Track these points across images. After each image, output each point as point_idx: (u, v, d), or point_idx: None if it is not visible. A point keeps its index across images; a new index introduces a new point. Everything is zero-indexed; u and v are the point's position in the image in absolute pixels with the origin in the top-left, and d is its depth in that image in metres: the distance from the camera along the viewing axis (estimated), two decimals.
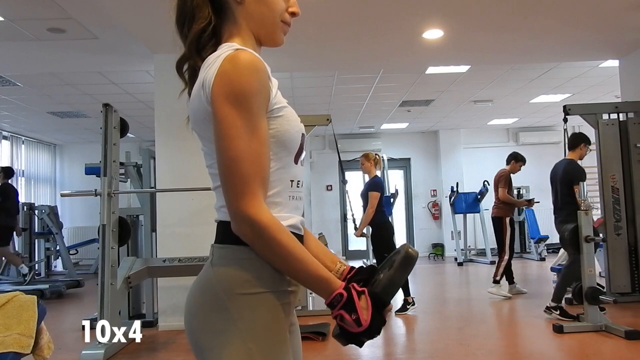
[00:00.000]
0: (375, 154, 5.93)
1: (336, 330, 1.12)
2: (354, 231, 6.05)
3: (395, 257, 1.14)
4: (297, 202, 1.18)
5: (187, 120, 1.19)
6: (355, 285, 1.09)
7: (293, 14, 1.23)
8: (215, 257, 1.14)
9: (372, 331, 1.07)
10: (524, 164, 6.61)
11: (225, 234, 1.13)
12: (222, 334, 1.08)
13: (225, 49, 1.10)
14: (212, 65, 1.09)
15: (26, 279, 7.71)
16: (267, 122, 1.09)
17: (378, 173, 5.89)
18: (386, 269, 1.13)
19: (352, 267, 1.22)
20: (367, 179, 6.06)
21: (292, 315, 1.22)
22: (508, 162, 6.61)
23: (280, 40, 1.23)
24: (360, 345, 1.10)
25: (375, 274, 1.15)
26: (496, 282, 6.24)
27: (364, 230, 5.88)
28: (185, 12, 1.18)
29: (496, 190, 6.47)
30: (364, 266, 1.20)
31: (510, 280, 6.37)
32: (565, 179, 5.11)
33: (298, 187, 1.18)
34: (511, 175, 6.53)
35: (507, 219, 6.31)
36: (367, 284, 1.12)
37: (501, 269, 6.23)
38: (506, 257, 6.22)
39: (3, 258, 8.08)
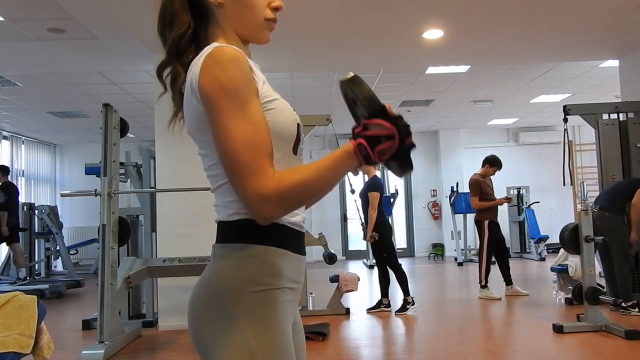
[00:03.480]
0: None
1: (396, 170, 1.13)
2: (364, 238, 5.90)
3: (346, 95, 1.19)
4: None
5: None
6: (356, 129, 1.11)
7: (276, 9, 1.22)
8: (216, 256, 1.14)
9: (404, 128, 1.09)
10: (499, 169, 6.49)
11: (225, 233, 1.14)
12: (224, 333, 1.08)
13: (206, 49, 1.11)
14: (195, 65, 1.10)
15: (21, 280, 7.71)
16: (261, 107, 1.09)
17: (377, 173, 5.88)
18: (354, 107, 1.18)
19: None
20: (367, 179, 6.06)
21: (295, 313, 1.22)
22: (482, 165, 6.52)
23: (264, 38, 1.22)
24: (414, 146, 1.11)
25: (358, 119, 1.17)
26: (483, 286, 6.23)
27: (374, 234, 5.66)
28: (165, 18, 1.19)
29: None
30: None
31: (508, 281, 6.36)
32: None
33: None
34: (486, 178, 6.43)
35: (487, 222, 6.25)
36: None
37: (483, 273, 6.21)
38: (484, 260, 6.18)
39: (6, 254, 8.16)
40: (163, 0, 1.19)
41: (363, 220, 5.79)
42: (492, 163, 6.45)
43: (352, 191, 5.84)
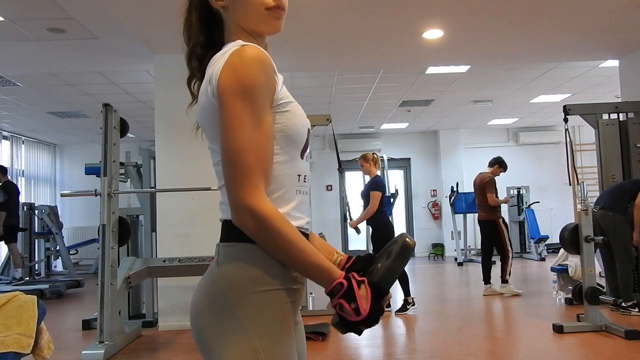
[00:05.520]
0: (373, 154, 5.90)
1: (335, 318, 1.12)
2: (349, 220, 6.14)
3: (392, 247, 1.14)
4: (304, 196, 1.19)
5: (196, 126, 1.22)
6: (355, 274, 1.09)
7: None
8: (220, 255, 1.14)
9: (371, 320, 1.07)
10: (505, 171, 6.83)
11: (230, 232, 1.13)
12: (227, 333, 1.08)
13: (232, 46, 1.12)
14: (219, 60, 1.11)
15: (17, 280, 7.69)
16: (272, 117, 1.11)
17: (379, 173, 5.87)
18: (384, 258, 1.14)
19: (350, 257, 1.24)
20: (367, 179, 6.05)
21: (297, 314, 1.22)
22: (491, 165, 6.78)
23: (272, 29, 1.22)
24: (359, 334, 1.10)
25: (373, 263, 1.15)
26: (505, 281, 6.38)
27: (359, 226, 6.00)
28: (186, 30, 1.25)
29: (482, 194, 6.56)
30: (361, 255, 1.21)
31: (487, 280, 6.46)
32: None
33: (305, 181, 1.20)
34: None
35: (500, 221, 6.51)
36: (366, 273, 1.13)
37: (509, 268, 6.38)
38: (511, 256, 6.40)
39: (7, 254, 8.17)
40: (184, 15, 1.24)
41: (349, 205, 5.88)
42: (502, 164, 6.75)
43: (341, 170, 5.92)
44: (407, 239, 1.15)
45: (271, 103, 1.10)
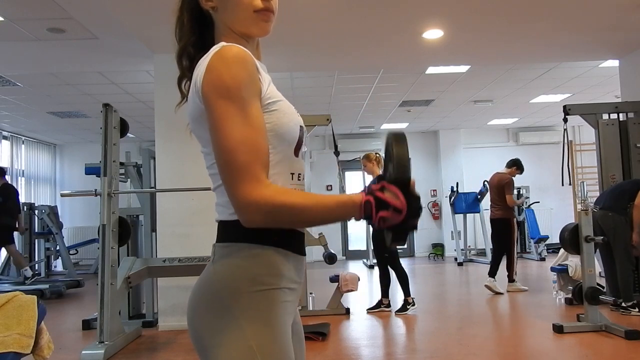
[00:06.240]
0: (376, 153, 5.90)
1: (388, 238, 1.11)
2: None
3: (387, 149, 1.15)
4: None
5: (188, 127, 1.21)
6: (373, 186, 1.08)
7: None
8: (216, 256, 1.14)
9: (414, 210, 1.05)
10: (521, 174, 6.95)
11: (225, 232, 1.14)
12: (224, 332, 1.08)
13: (213, 48, 1.13)
14: (202, 63, 1.11)
15: (26, 282, 7.64)
16: (261, 111, 1.10)
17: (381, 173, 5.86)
18: (388, 162, 1.14)
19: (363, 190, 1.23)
20: (368, 179, 6.06)
21: (295, 314, 1.22)
22: (509, 166, 6.86)
23: (260, 31, 1.21)
24: (415, 228, 1.08)
25: (384, 175, 1.15)
26: (512, 280, 6.56)
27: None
28: (178, 30, 1.26)
29: (499, 193, 6.64)
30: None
31: (492, 274, 6.54)
32: None
33: (299, 180, 1.19)
34: None
35: (514, 220, 6.71)
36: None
37: (515, 267, 6.58)
38: (515, 254, 6.61)
39: (6, 255, 8.11)
40: (176, 15, 1.24)
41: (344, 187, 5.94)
42: (519, 166, 6.88)
43: (337, 153, 5.94)
44: (392, 131, 1.16)
45: (259, 98, 1.10)
